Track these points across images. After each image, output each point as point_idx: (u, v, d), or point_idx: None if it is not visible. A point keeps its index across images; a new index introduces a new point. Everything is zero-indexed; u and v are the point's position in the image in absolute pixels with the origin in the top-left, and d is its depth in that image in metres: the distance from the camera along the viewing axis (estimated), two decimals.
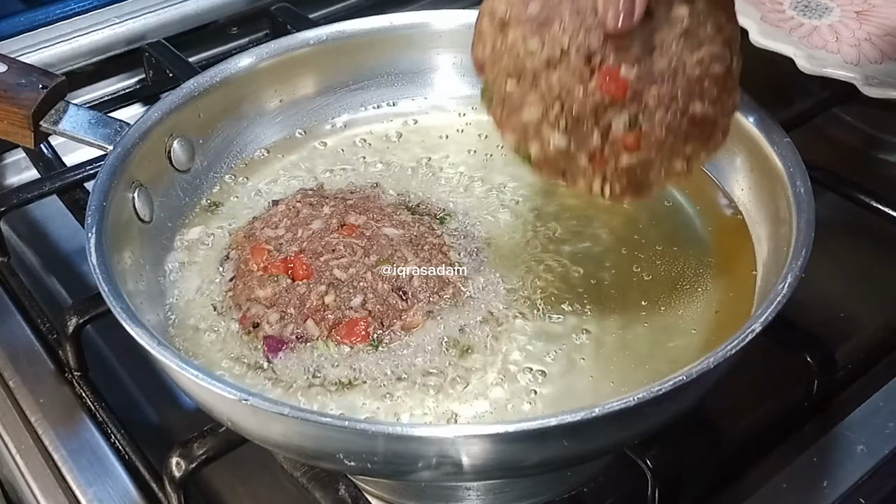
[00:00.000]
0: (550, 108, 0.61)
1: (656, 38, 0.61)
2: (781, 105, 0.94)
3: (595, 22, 0.60)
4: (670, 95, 0.61)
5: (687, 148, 0.64)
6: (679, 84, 0.61)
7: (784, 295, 0.59)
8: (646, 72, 0.61)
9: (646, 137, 0.62)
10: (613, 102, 0.61)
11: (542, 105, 0.61)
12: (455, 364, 0.65)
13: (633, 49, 0.60)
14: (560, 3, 0.61)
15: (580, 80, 0.60)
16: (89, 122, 0.75)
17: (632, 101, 0.61)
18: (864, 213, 0.85)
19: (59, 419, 0.73)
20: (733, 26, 0.64)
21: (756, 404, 0.76)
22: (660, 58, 0.61)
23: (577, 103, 0.61)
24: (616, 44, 0.60)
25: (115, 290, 0.61)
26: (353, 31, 0.86)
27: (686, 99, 0.62)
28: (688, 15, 0.61)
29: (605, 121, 0.61)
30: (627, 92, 0.60)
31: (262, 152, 0.84)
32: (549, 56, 0.61)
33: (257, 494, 0.71)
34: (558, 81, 0.61)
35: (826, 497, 0.65)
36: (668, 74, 0.61)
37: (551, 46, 0.61)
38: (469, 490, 0.69)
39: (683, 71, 0.61)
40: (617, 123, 0.61)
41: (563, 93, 0.61)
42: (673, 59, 0.61)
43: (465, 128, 0.86)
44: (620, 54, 0.60)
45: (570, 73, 0.60)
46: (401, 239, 0.71)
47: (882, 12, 1.08)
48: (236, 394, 0.55)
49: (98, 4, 1.11)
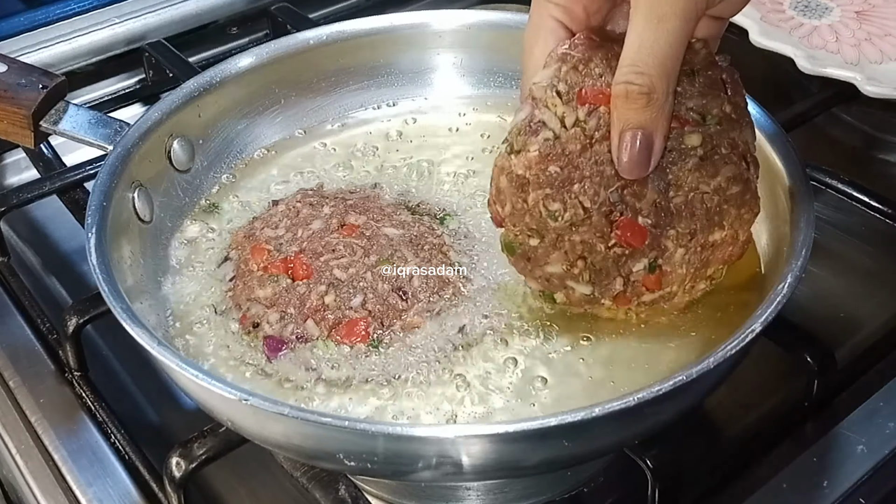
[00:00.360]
0: (574, 265, 0.64)
1: (671, 174, 0.62)
2: (781, 105, 0.94)
3: (612, 172, 0.61)
4: (689, 233, 0.63)
5: (709, 271, 0.66)
6: (698, 218, 0.63)
7: (784, 295, 0.59)
8: (663, 215, 0.62)
9: (666, 277, 0.64)
10: (634, 252, 0.63)
11: (566, 261, 0.64)
12: (455, 364, 0.65)
13: (648, 193, 0.62)
14: (579, 158, 0.61)
15: (602, 237, 0.62)
16: (89, 122, 0.75)
17: (651, 248, 0.63)
18: (864, 213, 0.85)
19: (59, 419, 0.73)
20: (748, 130, 0.64)
21: (756, 404, 0.76)
22: (676, 195, 0.62)
23: (600, 258, 0.63)
24: (633, 191, 0.62)
25: (115, 290, 0.61)
26: (353, 31, 0.86)
27: (706, 232, 0.63)
28: (700, 144, 0.62)
29: (626, 269, 0.64)
30: (646, 240, 0.63)
31: (261, 152, 0.84)
32: (573, 218, 0.62)
33: (257, 494, 0.71)
34: (581, 241, 0.63)
35: (826, 497, 0.65)
36: (686, 212, 0.63)
37: (574, 209, 0.62)
38: (469, 490, 0.69)
39: (702, 202, 0.63)
40: (637, 269, 0.64)
41: (586, 251, 0.63)
42: (689, 194, 0.62)
43: (465, 127, 0.86)
44: (638, 202, 0.62)
45: (592, 232, 0.62)
46: (401, 239, 0.71)
47: (882, 12, 1.08)
48: (236, 394, 0.55)
49: (98, 4, 1.11)
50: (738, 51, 1.02)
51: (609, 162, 0.61)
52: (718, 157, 0.62)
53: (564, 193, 0.62)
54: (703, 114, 0.62)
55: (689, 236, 0.63)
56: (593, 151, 0.61)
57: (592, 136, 0.61)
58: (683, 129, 0.62)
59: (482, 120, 0.86)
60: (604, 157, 0.61)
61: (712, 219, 0.63)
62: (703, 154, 0.62)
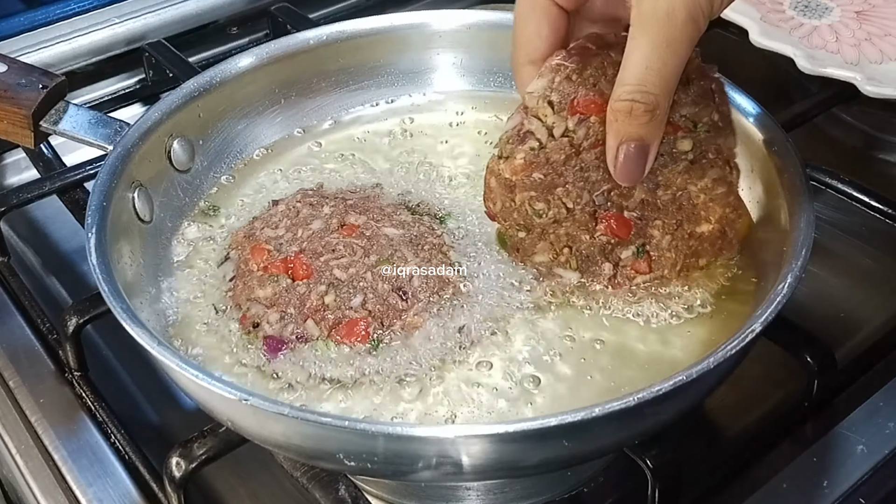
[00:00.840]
0: (560, 253, 0.68)
1: (661, 176, 0.66)
2: (781, 105, 0.94)
3: (599, 177, 0.65)
4: (675, 223, 0.67)
5: (701, 262, 0.68)
6: (684, 212, 0.66)
7: (784, 295, 0.59)
8: (650, 210, 0.66)
9: (656, 261, 0.67)
10: (620, 241, 0.67)
11: (553, 251, 0.68)
12: (455, 364, 0.65)
13: (637, 193, 0.66)
14: (563, 167, 0.66)
15: (586, 230, 0.67)
16: (89, 122, 0.75)
17: (637, 236, 0.67)
18: (864, 213, 0.85)
19: (59, 419, 0.73)
20: (732, 138, 0.68)
21: (756, 404, 0.76)
22: (664, 192, 0.66)
23: (585, 246, 0.67)
24: (621, 192, 0.66)
25: (115, 290, 0.61)
26: (353, 31, 0.86)
27: (692, 224, 0.67)
28: (691, 149, 0.66)
29: (615, 256, 0.67)
30: (631, 231, 0.66)
31: (261, 152, 0.84)
32: (556, 216, 0.66)
33: (257, 494, 0.71)
34: (565, 233, 0.67)
35: (826, 497, 0.65)
36: (673, 207, 0.66)
37: (557, 208, 0.66)
38: (469, 490, 0.69)
39: (688, 199, 0.66)
40: (626, 255, 0.67)
41: (571, 241, 0.67)
42: (677, 192, 0.66)
43: (464, 127, 0.86)
44: (625, 201, 0.66)
45: (576, 226, 0.67)
46: (401, 239, 0.71)
47: (882, 12, 1.08)
48: (236, 394, 0.55)
49: (98, 4, 1.11)
50: (738, 51, 1.03)
51: (596, 168, 0.65)
52: (706, 161, 0.66)
53: (548, 195, 0.67)
54: (695, 121, 0.66)
55: (676, 226, 0.67)
56: (579, 159, 0.66)
57: (580, 146, 0.66)
58: (676, 135, 0.66)
59: (482, 119, 0.86)
60: (590, 163, 0.65)
61: (699, 214, 0.67)
62: (692, 158, 0.66)
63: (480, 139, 0.84)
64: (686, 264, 0.68)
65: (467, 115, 0.87)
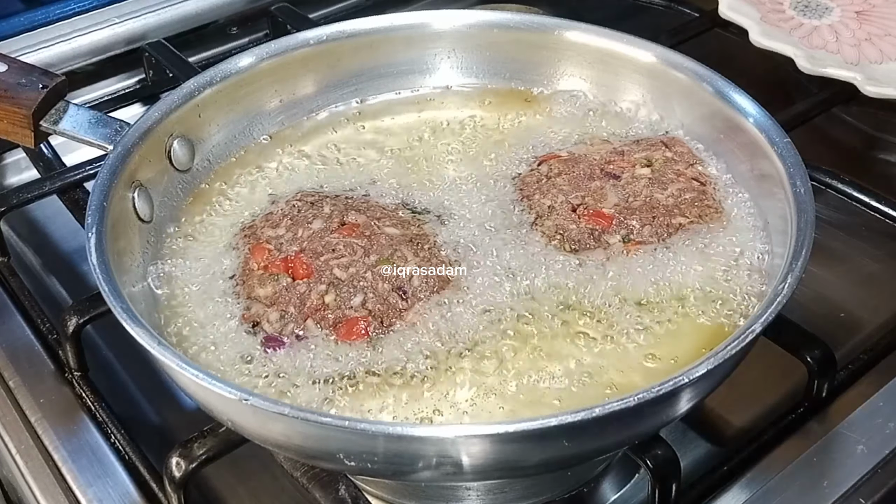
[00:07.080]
0: (552, 238, 0.72)
1: (628, 190, 0.74)
2: (781, 105, 0.94)
3: (571, 191, 0.75)
4: (652, 216, 0.72)
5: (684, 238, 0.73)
6: (658, 210, 0.73)
7: (784, 295, 0.59)
8: (624, 209, 0.73)
9: (644, 244, 0.71)
10: (605, 229, 0.72)
11: (545, 237, 0.73)
12: (455, 363, 0.65)
13: (610, 197, 0.73)
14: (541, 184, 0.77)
15: (572, 221, 0.72)
16: (89, 122, 0.75)
17: (619, 226, 0.72)
18: (864, 213, 0.85)
19: (59, 419, 0.73)
20: (697, 167, 0.77)
21: (756, 404, 0.76)
22: (634, 200, 0.73)
23: (575, 232, 0.72)
24: (595, 197, 0.73)
25: (115, 290, 0.61)
26: (353, 31, 0.86)
27: (667, 217, 0.72)
28: (650, 174, 0.75)
29: (604, 242, 0.72)
30: (613, 222, 0.72)
31: (261, 151, 0.84)
32: (539, 212, 0.75)
33: (257, 494, 0.71)
34: (553, 224, 0.73)
35: (826, 497, 0.65)
36: (645, 208, 0.73)
37: (539, 207, 0.75)
38: (469, 490, 0.69)
39: (659, 203, 0.73)
40: (614, 241, 0.72)
41: (560, 230, 0.72)
42: (646, 199, 0.73)
43: (464, 127, 0.86)
44: (600, 203, 0.73)
45: (560, 219, 0.73)
46: (401, 238, 0.71)
47: (882, 12, 1.08)
48: (236, 394, 0.55)
49: (98, 4, 1.11)
50: (738, 51, 1.03)
51: (567, 188, 0.74)
52: (666, 178, 0.75)
53: (533, 200, 0.75)
54: (649, 160, 0.76)
55: (652, 218, 0.72)
56: (551, 183, 0.76)
57: (549, 175, 0.77)
58: (634, 169, 0.76)
59: (481, 118, 0.86)
60: (563, 186, 0.75)
61: (672, 211, 0.73)
62: (653, 177, 0.75)
63: (480, 139, 0.84)
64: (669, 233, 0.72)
65: (467, 115, 0.87)
